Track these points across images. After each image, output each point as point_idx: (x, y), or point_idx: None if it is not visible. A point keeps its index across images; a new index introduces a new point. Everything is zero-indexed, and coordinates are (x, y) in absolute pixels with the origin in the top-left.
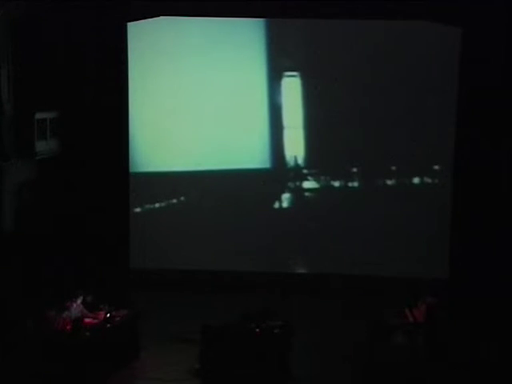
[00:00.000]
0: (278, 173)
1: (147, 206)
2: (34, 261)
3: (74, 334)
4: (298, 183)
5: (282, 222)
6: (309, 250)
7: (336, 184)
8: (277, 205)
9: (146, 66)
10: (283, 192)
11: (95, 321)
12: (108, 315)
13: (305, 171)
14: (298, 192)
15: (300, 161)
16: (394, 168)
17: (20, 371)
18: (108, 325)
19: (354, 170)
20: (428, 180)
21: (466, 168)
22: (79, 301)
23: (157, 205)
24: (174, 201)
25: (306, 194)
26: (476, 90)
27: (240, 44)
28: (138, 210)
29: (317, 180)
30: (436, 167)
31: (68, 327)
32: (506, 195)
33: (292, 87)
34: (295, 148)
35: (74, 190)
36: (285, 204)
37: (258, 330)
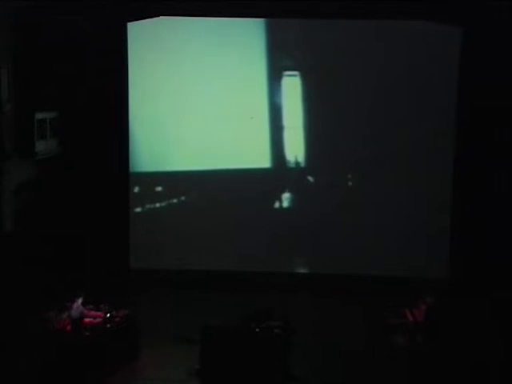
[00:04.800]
0: (278, 173)
1: (147, 206)
2: (34, 261)
3: (74, 333)
4: (297, 183)
5: (282, 221)
6: (309, 249)
7: (336, 184)
8: (277, 205)
9: (146, 65)
10: (283, 192)
11: (95, 321)
12: (108, 315)
13: (305, 171)
14: (298, 192)
15: (300, 161)
16: (394, 168)
17: (20, 371)
18: (108, 325)
19: (354, 170)
20: (428, 180)
21: (465, 168)
22: (79, 301)
23: (157, 205)
24: (174, 201)
25: (306, 194)
26: (476, 90)
27: (240, 44)
28: (138, 209)
29: (317, 180)
30: (436, 167)
31: (68, 327)
32: (505, 195)
33: (292, 87)
34: (295, 148)
35: (74, 190)
36: (285, 204)
37: (257, 329)
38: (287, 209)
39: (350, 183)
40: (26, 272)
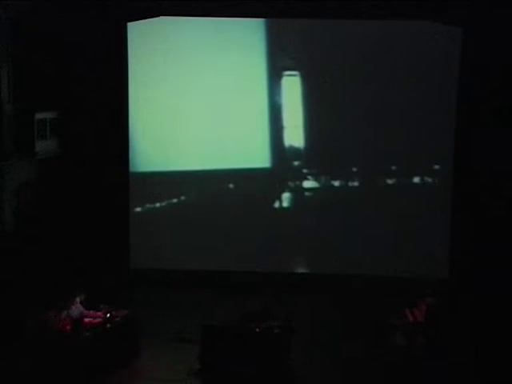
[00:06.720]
0: (278, 173)
1: (147, 206)
2: (34, 260)
3: (74, 333)
4: (298, 183)
5: (282, 221)
6: (309, 249)
7: (336, 184)
8: (277, 205)
9: (146, 66)
10: (283, 192)
11: (95, 321)
12: (108, 315)
13: (305, 171)
14: (298, 192)
15: (300, 161)
16: (394, 168)
17: (20, 371)
18: (108, 325)
19: (354, 169)
20: (428, 180)
21: (466, 168)
22: (79, 301)
23: (157, 205)
24: (174, 201)
25: (306, 193)
26: (476, 90)
27: (240, 44)
28: (138, 209)
29: (317, 180)
30: (436, 167)
31: (68, 327)
32: (505, 195)
33: (292, 87)
34: (295, 148)
35: (74, 190)
36: (285, 204)
37: (257, 329)
38: (287, 209)
39: (349, 183)
40: (25, 272)
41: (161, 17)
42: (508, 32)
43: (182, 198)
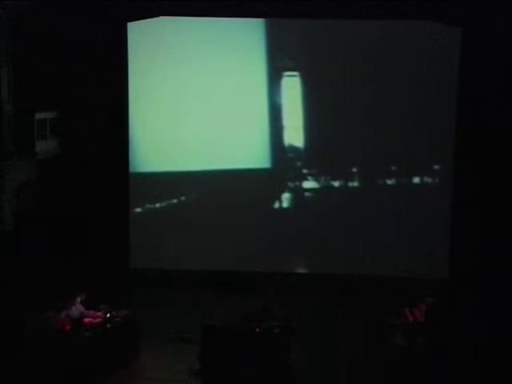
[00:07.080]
0: (278, 173)
1: (147, 206)
2: (34, 261)
3: (74, 333)
4: (298, 183)
5: (282, 221)
6: (309, 249)
7: (336, 184)
8: (277, 205)
9: (146, 66)
10: (283, 192)
11: (95, 321)
12: (108, 315)
13: (305, 171)
14: (298, 192)
15: (300, 161)
16: (394, 168)
17: (20, 371)
18: (108, 325)
19: (354, 170)
20: (428, 180)
21: (466, 167)
22: (79, 301)
23: (157, 205)
24: (174, 201)
25: (306, 193)
26: (476, 90)
27: (240, 44)
28: (138, 209)
29: (317, 180)
30: (436, 167)
31: (68, 327)
32: (506, 195)
33: (292, 87)
34: (295, 148)
35: (74, 190)
36: (285, 204)
37: (257, 330)
38: (287, 209)
39: (349, 183)
40: (25, 272)
41: (161, 17)
42: (508, 32)
43: (182, 198)
